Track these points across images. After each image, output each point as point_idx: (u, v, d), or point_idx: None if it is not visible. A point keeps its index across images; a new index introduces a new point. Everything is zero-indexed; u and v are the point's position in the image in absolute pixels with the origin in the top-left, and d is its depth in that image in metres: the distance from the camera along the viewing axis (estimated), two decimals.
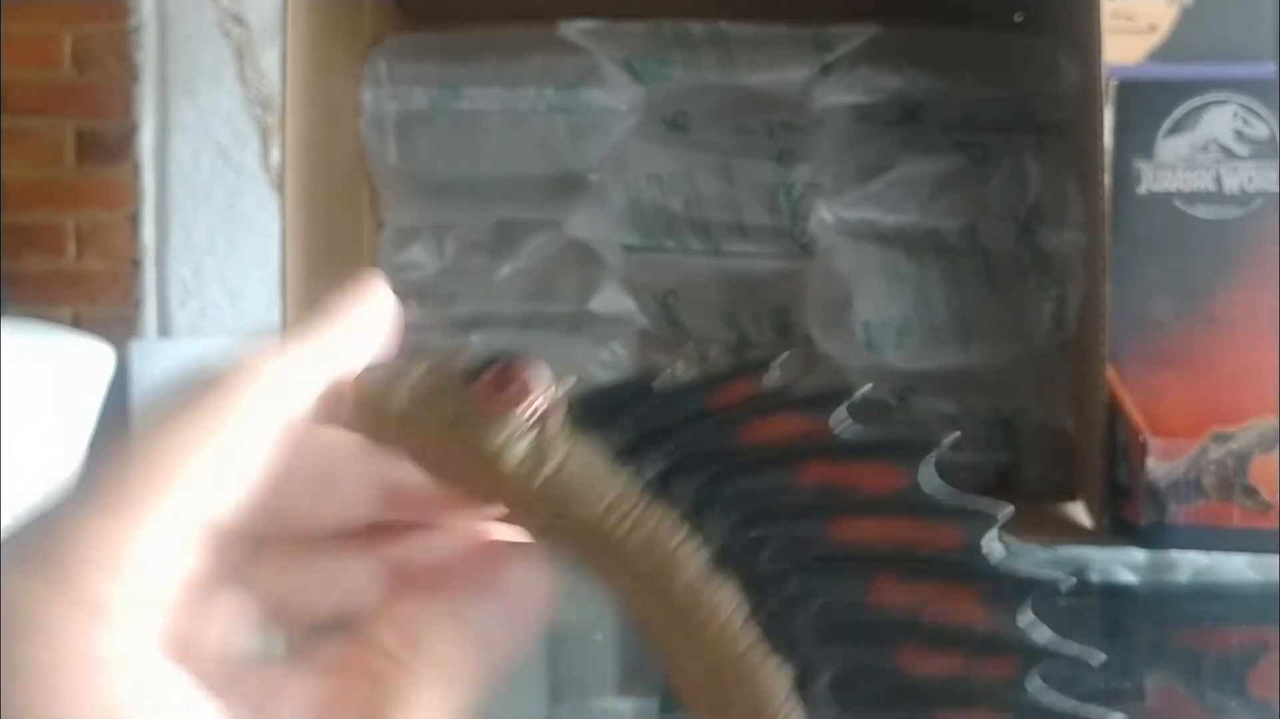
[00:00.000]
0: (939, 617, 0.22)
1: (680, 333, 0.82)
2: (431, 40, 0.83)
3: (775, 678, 0.22)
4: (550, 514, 0.23)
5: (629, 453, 0.23)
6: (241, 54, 1.49)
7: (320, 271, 0.75)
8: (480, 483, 0.23)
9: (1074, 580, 0.22)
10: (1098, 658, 0.22)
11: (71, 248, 1.73)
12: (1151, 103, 0.71)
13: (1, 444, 1.00)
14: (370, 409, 0.23)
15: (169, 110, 1.71)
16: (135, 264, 1.72)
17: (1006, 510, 0.22)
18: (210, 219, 1.71)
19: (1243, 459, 0.64)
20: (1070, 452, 0.77)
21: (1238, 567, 0.67)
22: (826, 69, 0.78)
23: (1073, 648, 0.22)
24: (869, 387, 0.23)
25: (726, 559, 0.22)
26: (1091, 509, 0.72)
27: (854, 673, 0.22)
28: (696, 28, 0.79)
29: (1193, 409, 0.69)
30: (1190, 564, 0.67)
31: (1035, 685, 0.22)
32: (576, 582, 0.24)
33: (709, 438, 0.23)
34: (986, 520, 0.22)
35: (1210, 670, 0.59)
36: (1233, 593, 0.66)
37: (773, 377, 0.23)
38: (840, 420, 0.23)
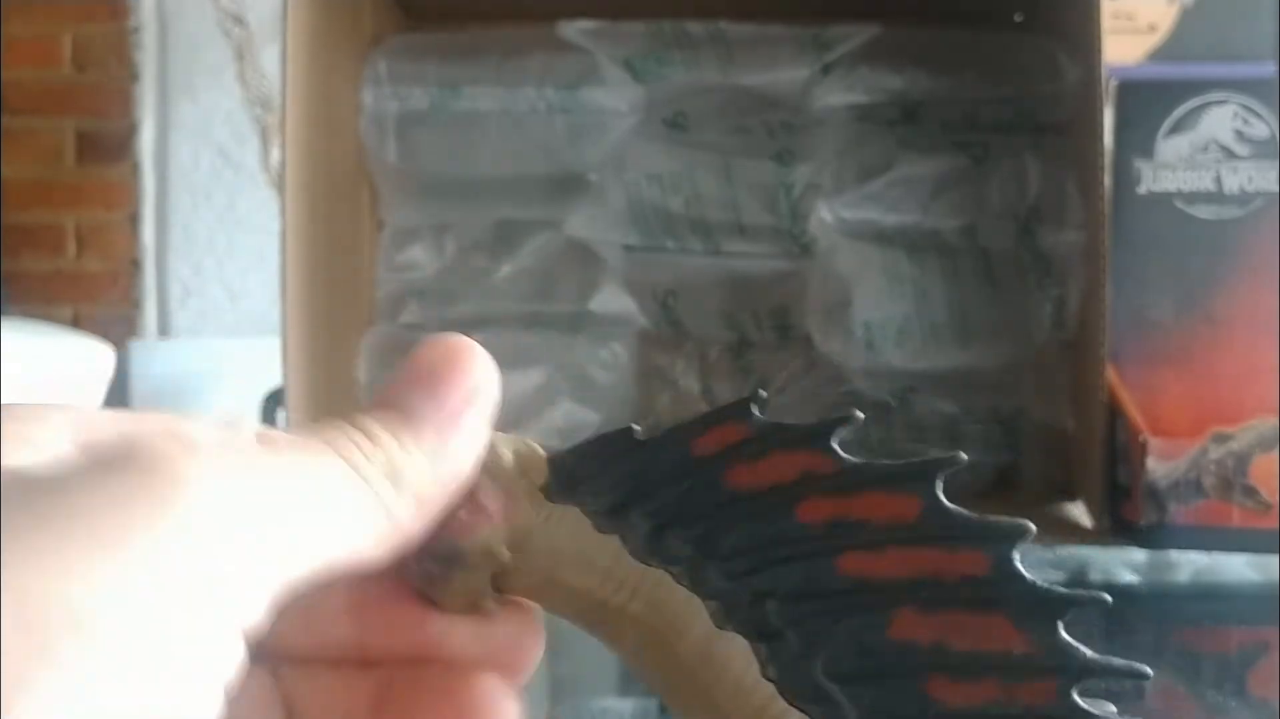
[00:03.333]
0: (969, 645, 0.21)
1: (680, 333, 0.82)
2: (431, 40, 0.83)
3: None
4: (547, 589, 0.22)
5: (615, 514, 0.22)
6: (241, 54, 1.49)
7: (320, 271, 0.75)
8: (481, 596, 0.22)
9: (1109, 599, 0.21)
10: (1146, 672, 0.21)
11: (71, 248, 1.73)
12: (1151, 103, 0.71)
13: None
14: None
15: (169, 110, 1.71)
16: (135, 264, 1.72)
17: (1030, 529, 0.21)
18: (210, 219, 1.71)
19: (1243, 459, 0.64)
20: (1070, 452, 0.77)
21: (1238, 567, 0.66)
22: (826, 69, 0.78)
23: (1119, 663, 0.21)
24: (860, 416, 0.22)
25: (733, 612, 0.21)
26: (1091, 509, 0.72)
27: (882, 714, 0.21)
28: (696, 28, 0.79)
29: (1193, 409, 0.69)
30: (1190, 564, 0.67)
31: (1080, 704, 0.21)
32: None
33: (698, 488, 0.21)
34: (1011, 539, 0.21)
35: (1210, 670, 0.59)
36: (1233, 593, 0.66)
37: (757, 416, 0.21)
38: (837, 451, 0.21)
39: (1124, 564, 0.68)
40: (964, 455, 0.21)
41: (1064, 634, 0.21)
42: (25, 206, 1.71)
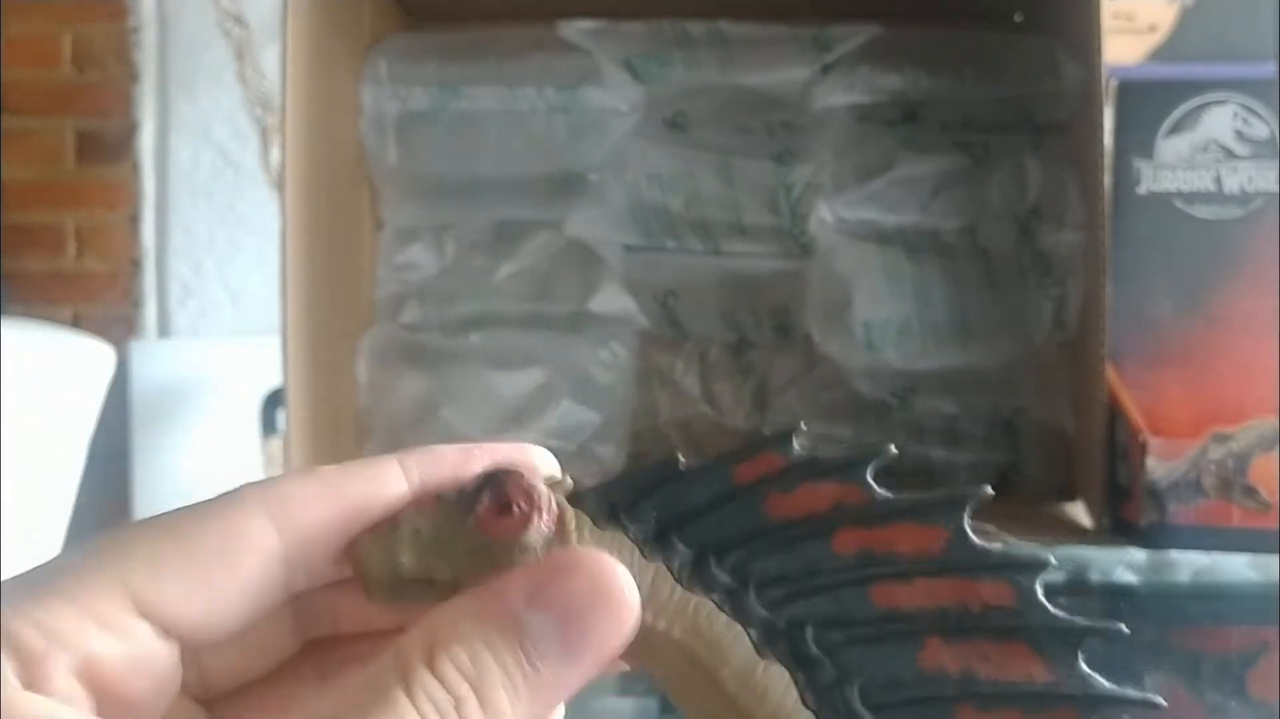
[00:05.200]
0: (994, 675, 0.22)
1: (680, 333, 0.82)
2: (431, 40, 0.83)
3: None
4: None
5: (657, 542, 0.22)
6: (241, 54, 1.49)
7: (320, 271, 0.75)
8: None
9: (1125, 628, 0.22)
10: (1159, 703, 0.22)
11: (71, 248, 1.73)
12: (1151, 103, 0.71)
13: (2, 444, 1.00)
14: (379, 575, 0.22)
15: (169, 110, 1.71)
16: (135, 264, 1.72)
17: (1053, 561, 0.22)
18: (210, 219, 1.71)
19: (1243, 459, 0.64)
20: (1070, 452, 0.77)
21: (1238, 567, 0.66)
22: (826, 69, 0.78)
23: (1134, 694, 0.22)
24: (894, 450, 0.22)
25: (771, 639, 0.22)
26: (1091, 509, 0.72)
27: None
28: (696, 28, 0.79)
29: (1193, 409, 0.69)
30: (1190, 564, 0.67)
31: None
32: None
33: (737, 517, 0.22)
34: (1034, 570, 0.22)
35: (1210, 670, 0.59)
36: (1233, 593, 0.66)
37: (796, 448, 0.22)
38: (870, 484, 0.22)
39: (1124, 564, 0.68)
40: (990, 489, 0.22)
41: (1083, 664, 0.22)
42: (25, 206, 1.71)
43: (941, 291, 0.77)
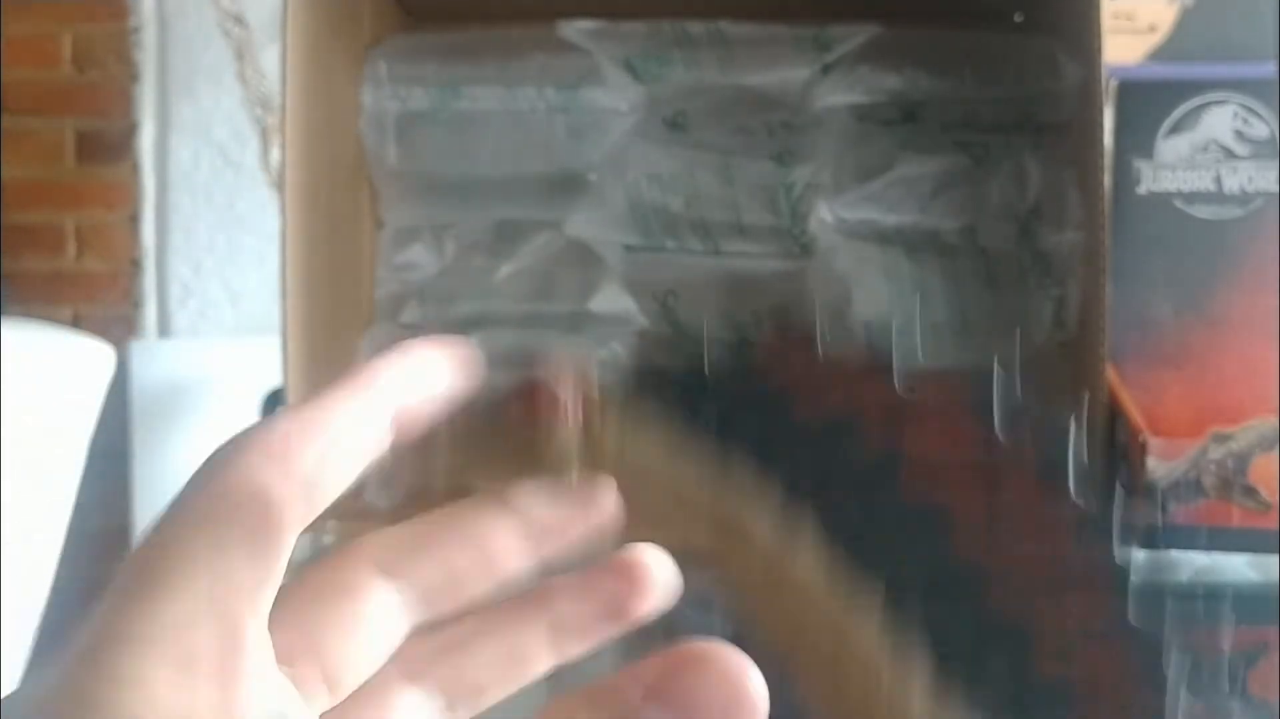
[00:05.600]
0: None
1: (680, 333, 0.82)
2: (431, 40, 0.83)
3: (864, 619, 0.22)
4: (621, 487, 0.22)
5: (688, 436, 0.23)
6: (241, 54, 1.49)
7: (320, 271, 0.75)
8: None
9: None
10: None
11: (71, 248, 1.73)
12: (1151, 103, 0.71)
13: (2, 444, 1.00)
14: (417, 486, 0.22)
15: (169, 110, 1.71)
16: (135, 264, 1.72)
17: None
18: (210, 219, 1.71)
19: (1243, 459, 0.64)
20: None
21: (1238, 567, 0.66)
22: (826, 69, 0.78)
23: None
24: (920, 357, 0.23)
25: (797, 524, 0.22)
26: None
27: (907, 585, 0.22)
28: (696, 28, 0.79)
29: (1193, 409, 0.69)
30: (1190, 564, 0.67)
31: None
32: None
33: (764, 419, 0.23)
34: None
35: (1210, 670, 0.59)
36: (1233, 593, 0.66)
37: (823, 343, 0.23)
38: (894, 380, 0.23)
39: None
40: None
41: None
42: (25, 206, 1.71)
43: (941, 291, 0.77)
